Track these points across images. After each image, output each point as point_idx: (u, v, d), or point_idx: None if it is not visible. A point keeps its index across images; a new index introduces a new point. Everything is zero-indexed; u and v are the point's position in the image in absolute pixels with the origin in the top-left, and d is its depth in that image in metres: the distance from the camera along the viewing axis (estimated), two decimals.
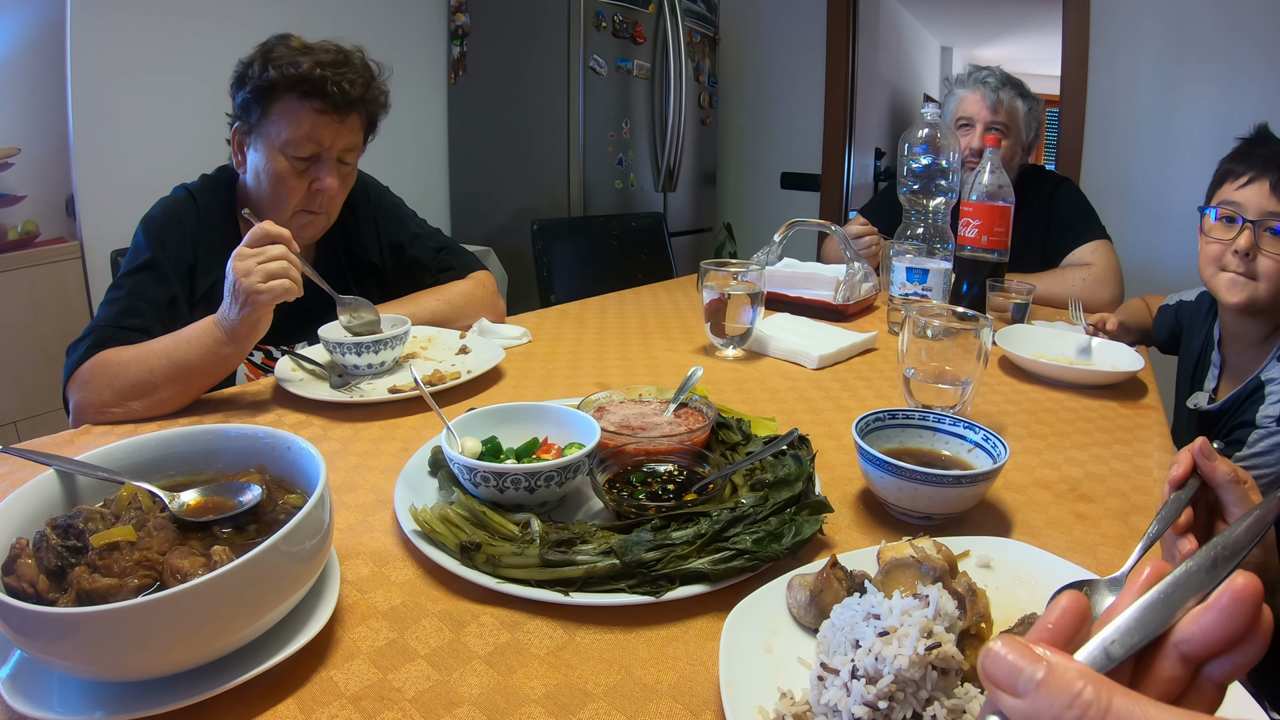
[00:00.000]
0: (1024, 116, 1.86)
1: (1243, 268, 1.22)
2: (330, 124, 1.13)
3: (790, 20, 3.75)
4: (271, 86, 1.09)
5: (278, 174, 1.13)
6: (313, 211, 1.18)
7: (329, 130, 1.14)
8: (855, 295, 1.56)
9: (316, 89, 1.10)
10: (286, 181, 1.13)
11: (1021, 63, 6.25)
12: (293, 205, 1.16)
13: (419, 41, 3.29)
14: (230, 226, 1.21)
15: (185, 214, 1.16)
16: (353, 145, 1.19)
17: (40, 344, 2.21)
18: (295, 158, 1.13)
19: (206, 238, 1.16)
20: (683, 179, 3.44)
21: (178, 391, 0.95)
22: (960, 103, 1.89)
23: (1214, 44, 2.66)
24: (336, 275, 1.34)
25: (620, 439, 0.78)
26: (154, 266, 1.11)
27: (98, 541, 0.50)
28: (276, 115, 1.11)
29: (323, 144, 1.14)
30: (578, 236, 2.33)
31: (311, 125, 1.12)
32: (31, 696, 0.46)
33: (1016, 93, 1.86)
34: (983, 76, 1.86)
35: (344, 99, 1.13)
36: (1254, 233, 1.20)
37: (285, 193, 1.14)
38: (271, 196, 1.15)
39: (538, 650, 0.55)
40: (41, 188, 2.29)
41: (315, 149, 1.14)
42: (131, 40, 2.35)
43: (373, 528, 0.71)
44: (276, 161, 1.13)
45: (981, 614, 0.51)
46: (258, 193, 1.17)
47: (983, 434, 0.77)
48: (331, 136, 1.14)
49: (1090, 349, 1.25)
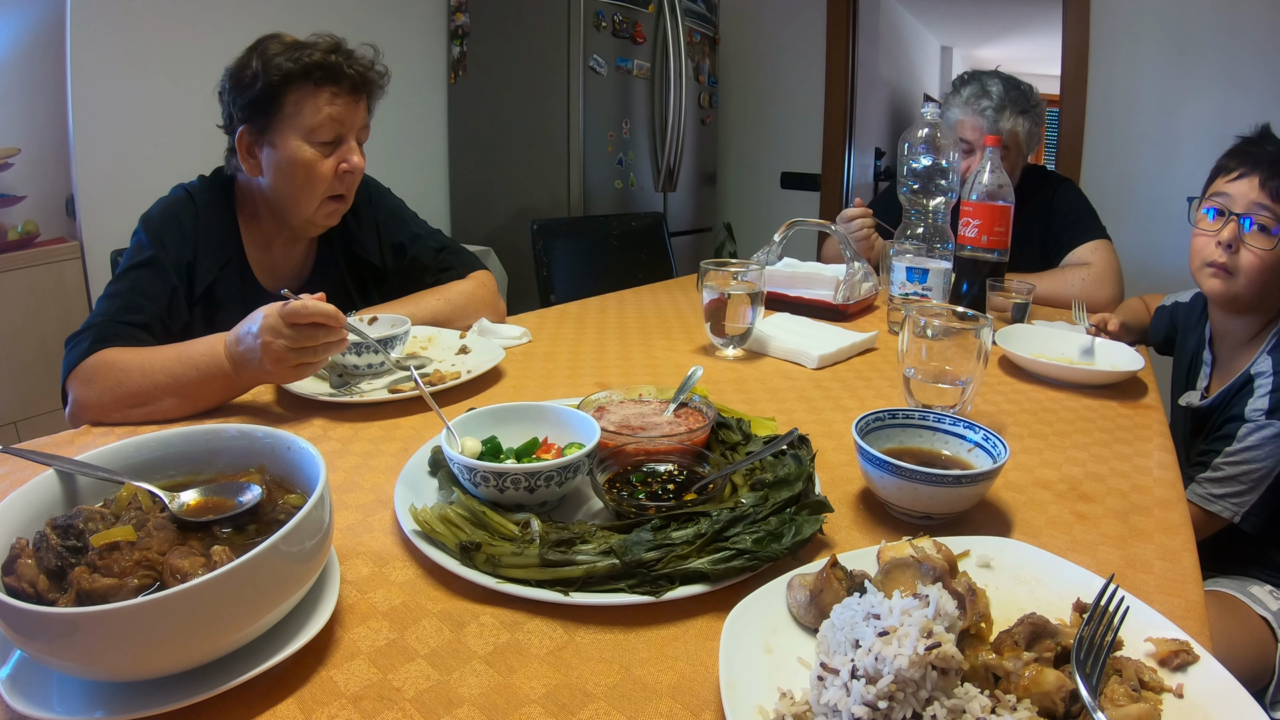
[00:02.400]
0: (1025, 135, 1.81)
1: (1225, 259, 1.23)
2: (348, 105, 1.15)
3: (790, 20, 3.75)
4: (286, 79, 1.10)
5: (306, 162, 1.13)
6: (341, 196, 1.19)
7: (348, 111, 1.16)
8: (855, 295, 1.56)
9: (331, 74, 1.12)
10: (316, 167, 1.14)
11: (1021, 63, 6.26)
12: (324, 191, 1.16)
13: (419, 41, 3.29)
14: (230, 226, 1.21)
15: (184, 213, 1.17)
16: (365, 125, 1.21)
17: (40, 344, 2.21)
18: (320, 143, 1.14)
19: (205, 238, 1.16)
20: (683, 179, 3.44)
21: (176, 405, 0.95)
22: (959, 124, 1.83)
23: (1214, 44, 2.66)
24: (335, 277, 1.34)
25: (620, 439, 0.77)
26: (154, 263, 1.10)
27: (98, 541, 0.50)
28: (293, 106, 1.12)
29: (345, 125, 1.15)
30: (578, 236, 2.33)
31: (331, 108, 1.13)
32: (31, 696, 0.46)
33: (1017, 111, 1.79)
34: (982, 108, 1.78)
35: (359, 79, 1.16)
36: (1239, 226, 1.21)
37: (316, 179, 1.15)
38: (302, 186, 1.15)
39: (538, 650, 0.55)
40: (41, 188, 2.29)
41: (338, 131, 1.15)
42: (131, 40, 2.35)
43: (373, 528, 0.71)
44: (302, 150, 1.13)
45: (981, 614, 0.51)
46: (285, 188, 1.16)
47: (983, 434, 0.77)
48: (351, 117, 1.16)
49: (1093, 349, 1.25)
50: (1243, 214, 1.21)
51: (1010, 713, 0.44)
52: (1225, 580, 1.27)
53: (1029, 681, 0.45)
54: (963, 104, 1.83)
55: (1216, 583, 1.26)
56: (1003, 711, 0.44)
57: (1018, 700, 0.45)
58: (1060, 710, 0.45)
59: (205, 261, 1.15)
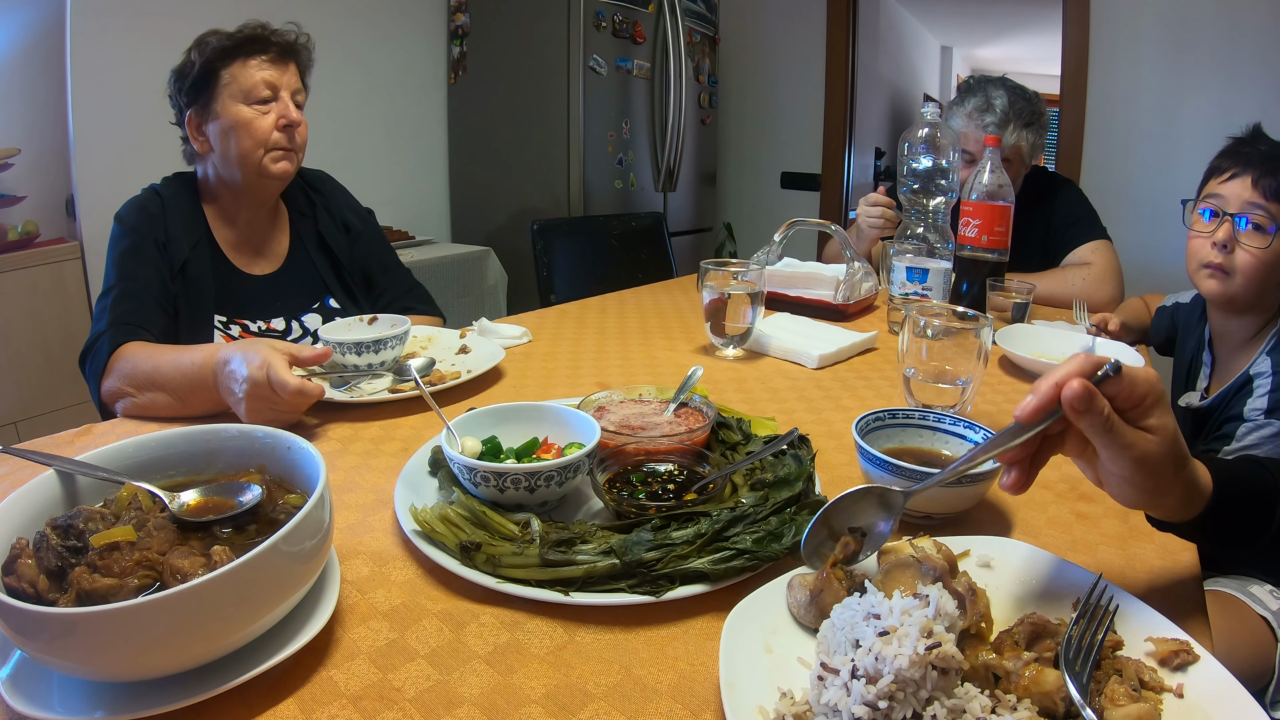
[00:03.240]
0: (1029, 148, 1.80)
1: (1221, 260, 1.24)
2: (277, 68, 1.26)
3: (790, 20, 3.75)
4: (219, 55, 1.22)
5: (246, 120, 1.23)
6: (286, 148, 1.27)
7: (279, 73, 1.26)
8: (855, 295, 1.56)
9: (259, 44, 1.25)
10: (255, 122, 1.23)
11: (1021, 63, 6.26)
12: (265, 142, 1.25)
13: (419, 41, 3.29)
14: (196, 212, 1.29)
15: (151, 204, 1.26)
16: (299, 88, 1.31)
17: (40, 344, 2.21)
18: (257, 102, 1.24)
19: (175, 220, 1.25)
20: (683, 179, 3.44)
21: (169, 404, 0.98)
22: (961, 134, 1.81)
23: (1214, 44, 2.66)
24: (307, 261, 1.39)
25: (620, 439, 0.78)
26: (137, 249, 1.19)
27: (98, 541, 0.50)
28: (228, 79, 1.23)
29: (277, 85, 1.26)
30: (578, 236, 2.33)
31: (262, 72, 1.24)
32: (31, 696, 0.46)
33: (1022, 124, 1.76)
34: (985, 124, 1.75)
35: (285, 46, 1.28)
36: (1234, 226, 1.21)
37: (258, 132, 1.23)
38: (244, 142, 1.23)
39: (538, 650, 0.55)
40: (41, 188, 2.29)
41: (271, 91, 1.25)
42: (131, 40, 2.35)
43: (373, 528, 0.71)
44: (241, 112, 1.23)
45: (982, 614, 0.51)
46: (232, 150, 1.24)
47: (983, 434, 0.77)
48: (282, 78, 1.27)
49: (1094, 349, 1.25)
50: (1237, 214, 1.21)
51: (1010, 712, 0.44)
52: (1225, 580, 1.26)
53: (1029, 681, 0.45)
54: (966, 116, 1.80)
55: (1216, 583, 1.26)
56: (1003, 711, 0.44)
57: (1018, 700, 0.45)
58: (1060, 710, 0.45)
59: (177, 242, 1.23)
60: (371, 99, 3.10)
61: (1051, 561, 0.60)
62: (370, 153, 3.16)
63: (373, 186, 3.21)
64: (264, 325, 1.30)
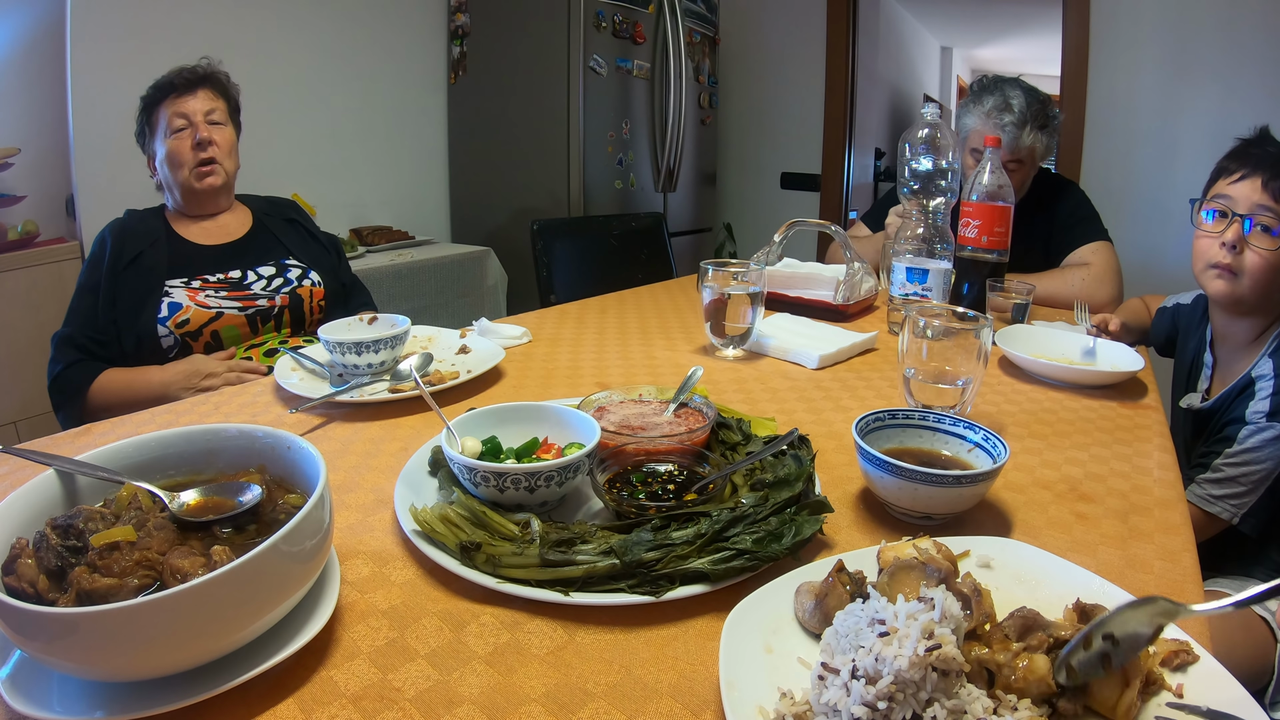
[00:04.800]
0: (1042, 150, 1.79)
1: (1229, 260, 1.23)
2: (185, 97, 1.50)
3: (790, 20, 3.75)
4: (150, 106, 1.51)
5: (169, 150, 1.49)
6: (206, 163, 1.50)
7: (186, 102, 1.50)
8: (855, 295, 1.56)
9: (170, 84, 1.50)
10: (176, 149, 1.48)
11: (1021, 63, 6.27)
12: (188, 163, 1.49)
13: (419, 41, 3.28)
14: (159, 220, 1.53)
15: (122, 219, 1.52)
16: (212, 109, 1.53)
17: (40, 344, 2.19)
18: (174, 132, 1.49)
19: (137, 225, 1.50)
20: (683, 179, 3.44)
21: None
22: (973, 133, 1.80)
23: (1213, 44, 2.66)
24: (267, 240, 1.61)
25: (620, 439, 0.77)
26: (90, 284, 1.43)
27: (98, 541, 0.50)
28: (158, 120, 1.50)
29: (187, 112, 1.49)
30: (578, 236, 2.33)
31: (174, 107, 1.49)
32: (31, 696, 0.46)
33: (1037, 126, 1.74)
34: (1004, 123, 1.73)
35: (193, 77, 1.52)
36: (1242, 227, 1.21)
37: (178, 156, 1.48)
38: (172, 166, 1.49)
39: (538, 650, 0.55)
40: (41, 188, 2.29)
41: (184, 121, 1.49)
42: (131, 40, 2.35)
43: (373, 528, 0.71)
44: (165, 143, 1.49)
45: (988, 614, 0.51)
46: (168, 178, 1.51)
47: (983, 434, 0.77)
48: (191, 105, 1.49)
49: (1094, 350, 1.25)
50: (1246, 215, 1.22)
51: (1011, 713, 0.44)
52: (1225, 580, 1.27)
53: (1024, 671, 0.45)
54: (984, 115, 1.78)
55: (1216, 583, 1.26)
56: (1004, 712, 0.44)
57: (1018, 700, 0.45)
58: (1054, 689, 0.45)
59: (132, 241, 1.45)
60: (371, 99, 3.10)
61: (1051, 561, 0.60)
62: (370, 153, 3.16)
63: (373, 186, 3.22)
64: (221, 276, 1.49)
